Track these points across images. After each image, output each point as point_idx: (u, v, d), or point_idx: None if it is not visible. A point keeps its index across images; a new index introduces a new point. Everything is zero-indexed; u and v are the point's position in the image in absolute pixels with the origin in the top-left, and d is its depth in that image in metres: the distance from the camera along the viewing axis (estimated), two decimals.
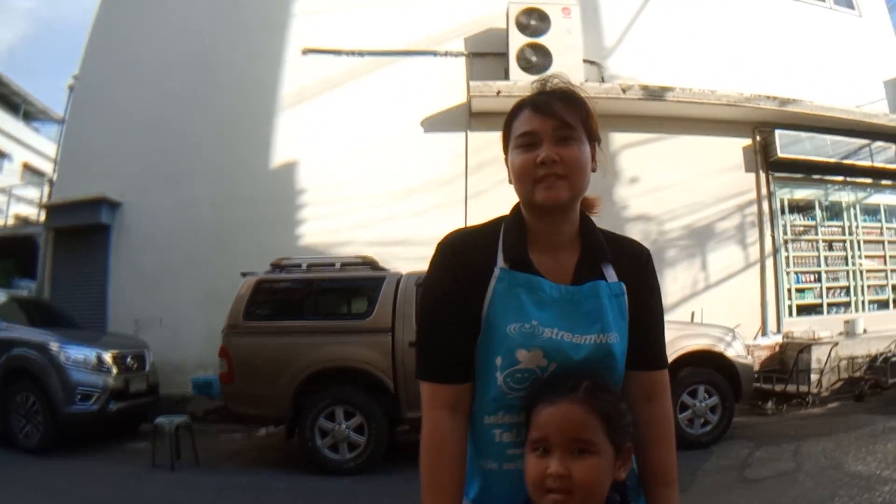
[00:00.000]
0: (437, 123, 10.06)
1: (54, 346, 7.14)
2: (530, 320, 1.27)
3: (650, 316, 1.41)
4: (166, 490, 5.63)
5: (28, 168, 20.42)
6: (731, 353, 6.81)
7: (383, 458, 6.12)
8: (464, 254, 1.35)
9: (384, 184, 9.80)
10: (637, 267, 1.41)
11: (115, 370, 7.35)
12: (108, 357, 7.35)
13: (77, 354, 7.17)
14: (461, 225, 7.47)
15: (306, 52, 10.48)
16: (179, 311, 9.58)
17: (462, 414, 1.31)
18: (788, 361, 9.03)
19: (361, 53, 10.34)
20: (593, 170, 1.38)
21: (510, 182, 1.37)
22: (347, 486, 5.64)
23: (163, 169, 10.17)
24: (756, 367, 8.69)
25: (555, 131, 1.29)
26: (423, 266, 5.86)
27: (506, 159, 1.40)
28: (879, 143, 10.72)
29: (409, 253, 8.65)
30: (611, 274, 1.36)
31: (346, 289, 7.12)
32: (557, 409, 1.16)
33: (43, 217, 11.73)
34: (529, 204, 1.34)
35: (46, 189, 13.41)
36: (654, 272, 1.45)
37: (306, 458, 6.15)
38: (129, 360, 7.69)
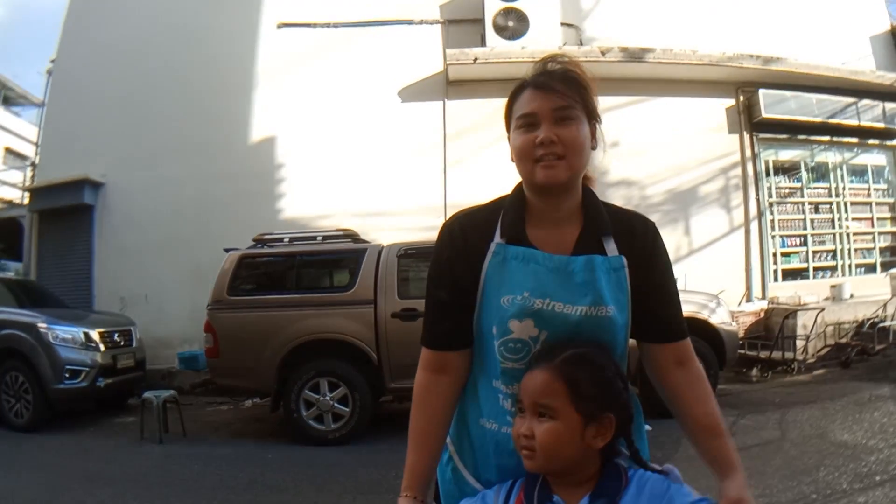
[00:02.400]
0: (415, 93, 10.00)
1: (42, 325, 7.20)
2: (522, 292, 1.31)
3: (663, 289, 1.43)
4: (156, 462, 5.71)
5: (10, 152, 20.37)
6: (715, 320, 6.79)
7: (367, 428, 6.20)
8: (461, 233, 1.42)
9: (363, 155, 9.79)
10: (641, 241, 1.42)
11: (102, 347, 7.44)
12: (95, 335, 7.44)
13: (65, 333, 7.24)
14: (440, 194, 7.50)
15: (281, 26, 10.41)
16: (164, 287, 9.68)
17: (448, 376, 1.42)
18: (774, 327, 9.01)
19: (336, 25, 10.25)
20: (593, 147, 1.40)
21: (513, 160, 1.40)
22: (332, 456, 5.69)
23: (143, 148, 10.18)
24: (741, 334, 8.66)
25: (553, 112, 1.32)
26: (404, 236, 5.91)
27: (509, 138, 1.43)
28: (866, 101, 10.58)
29: (389, 224, 8.70)
30: (611, 248, 1.37)
31: (328, 262, 7.15)
32: (530, 374, 1.25)
33: (27, 200, 11.73)
34: (530, 183, 1.38)
35: (29, 172, 13.38)
36: (662, 246, 1.46)
37: (292, 429, 6.23)
38: (116, 336, 7.79)
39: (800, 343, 8.61)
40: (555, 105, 1.32)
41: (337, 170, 9.74)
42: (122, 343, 7.85)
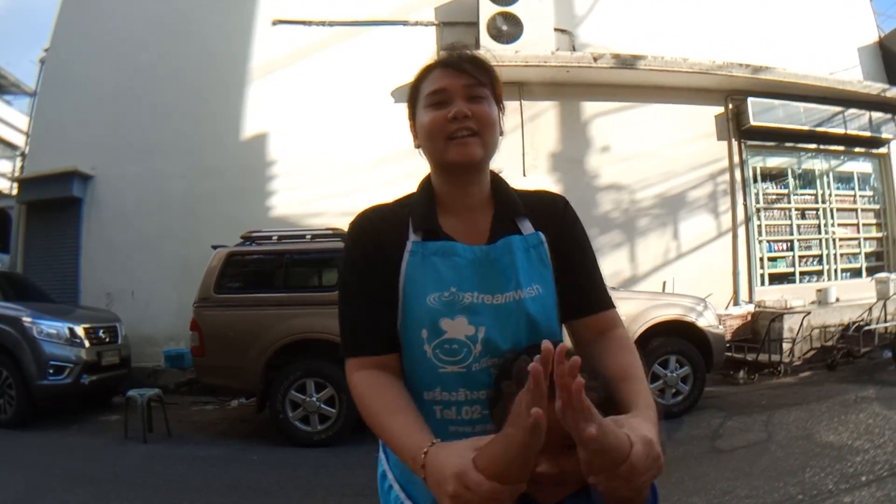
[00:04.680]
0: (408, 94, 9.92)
1: (27, 319, 7.14)
2: (449, 287, 1.26)
3: (581, 262, 1.39)
4: (139, 462, 5.67)
5: (1, 141, 20.13)
6: (702, 323, 6.85)
7: (354, 429, 6.14)
8: (372, 232, 1.34)
9: (354, 154, 9.77)
10: (555, 216, 1.39)
11: (87, 343, 7.37)
12: (80, 330, 7.37)
13: (49, 328, 7.18)
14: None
15: (276, 23, 10.36)
16: (150, 283, 9.60)
17: (388, 371, 1.28)
18: (760, 331, 9.11)
19: (331, 24, 10.23)
20: (500, 133, 1.37)
21: (416, 147, 1.38)
22: (318, 457, 5.68)
23: (133, 141, 10.08)
24: (728, 337, 8.75)
25: (465, 88, 1.29)
26: None
27: (411, 126, 1.40)
28: (853, 111, 10.75)
29: None
30: (527, 227, 1.35)
31: (316, 260, 7.11)
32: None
33: (15, 190, 11.61)
34: (441, 164, 1.33)
35: (19, 162, 13.24)
36: (575, 218, 1.42)
37: (277, 430, 6.19)
38: (101, 333, 7.74)
39: (786, 346, 8.69)
40: (467, 82, 1.29)
41: (328, 168, 9.71)
42: (107, 340, 7.79)
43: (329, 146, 9.84)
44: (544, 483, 1.09)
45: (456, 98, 1.28)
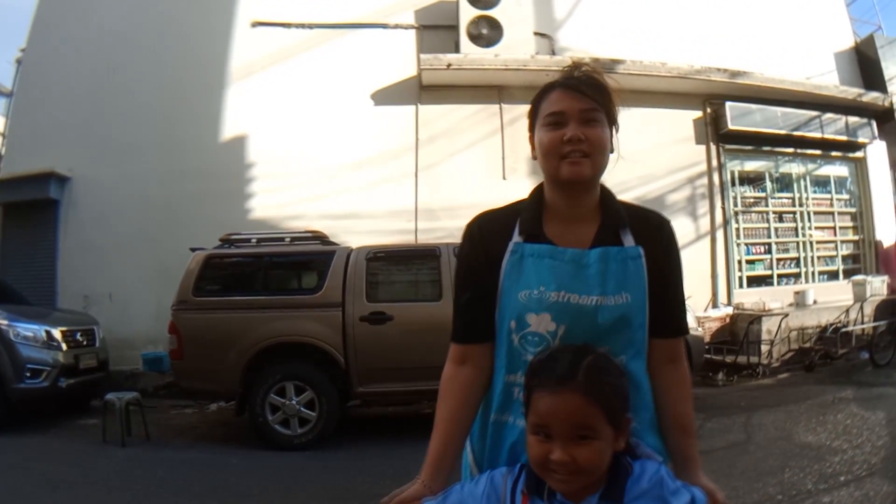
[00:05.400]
0: (388, 96, 10.00)
1: (3, 322, 7.05)
2: (538, 286, 1.39)
3: (671, 283, 1.49)
4: (118, 466, 5.61)
5: None
6: None
7: (334, 433, 6.15)
8: (479, 233, 1.51)
9: (334, 157, 9.75)
10: (656, 234, 1.50)
11: (64, 346, 7.31)
12: (57, 333, 7.30)
13: (26, 331, 7.10)
14: (411, 198, 7.58)
15: (255, 24, 10.31)
16: (129, 286, 9.50)
17: (469, 367, 1.48)
18: (739, 333, 9.20)
19: (311, 26, 10.20)
20: (611, 151, 1.47)
21: (533, 158, 1.50)
22: (299, 461, 5.65)
23: (112, 143, 9.98)
24: (707, 339, 8.84)
25: (581, 112, 1.40)
26: (374, 239, 5.99)
27: (530, 137, 1.53)
28: (829, 115, 10.90)
29: (359, 226, 8.68)
30: (629, 239, 1.45)
31: (296, 263, 7.09)
32: (557, 399, 1.19)
33: None
34: (554, 179, 1.45)
35: None
36: (673, 241, 1.53)
37: (257, 434, 6.15)
38: (78, 336, 7.66)
39: (764, 348, 8.80)
40: (583, 106, 1.40)
41: (308, 171, 9.67)
42: (84, 343, 7.72)
43: (309, 149, 9.81)
44: (557, 471, 1.17)
45: (571, 121, 1.40)
